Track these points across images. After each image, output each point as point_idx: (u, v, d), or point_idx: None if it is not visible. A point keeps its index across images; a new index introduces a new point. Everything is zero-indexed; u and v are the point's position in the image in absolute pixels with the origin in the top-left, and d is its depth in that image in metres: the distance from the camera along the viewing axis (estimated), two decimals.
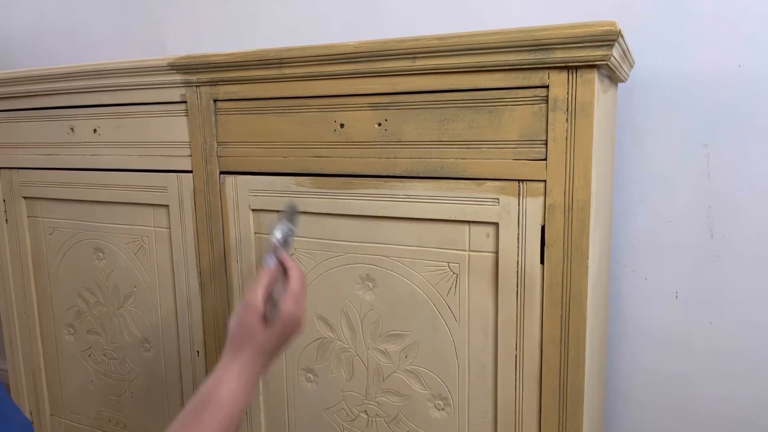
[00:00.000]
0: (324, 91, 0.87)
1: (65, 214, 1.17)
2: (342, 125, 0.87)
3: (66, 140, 1.12)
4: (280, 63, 0.87)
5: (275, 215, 0.95)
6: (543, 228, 0.77)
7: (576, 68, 0.72)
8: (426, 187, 0.83)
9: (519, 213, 0.78)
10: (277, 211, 0.95)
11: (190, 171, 1.01)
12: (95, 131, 1.09)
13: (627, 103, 1.12)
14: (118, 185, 1.08)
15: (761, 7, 1.02)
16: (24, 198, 1.21)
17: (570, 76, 0.73)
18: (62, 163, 1.14)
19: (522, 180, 0.77)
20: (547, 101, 0.74)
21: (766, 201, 1.06)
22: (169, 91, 0.99)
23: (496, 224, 0.80)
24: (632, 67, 1.00)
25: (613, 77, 0.89)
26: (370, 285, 0.90)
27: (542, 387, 0.80)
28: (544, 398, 0.80)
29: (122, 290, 1.14)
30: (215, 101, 0.96)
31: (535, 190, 0.77)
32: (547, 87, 0.74)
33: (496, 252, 0.81)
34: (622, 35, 0.72)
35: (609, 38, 0.68)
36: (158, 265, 1.08)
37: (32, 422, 1.21)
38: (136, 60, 0.99)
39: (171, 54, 1.06)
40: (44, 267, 1.23)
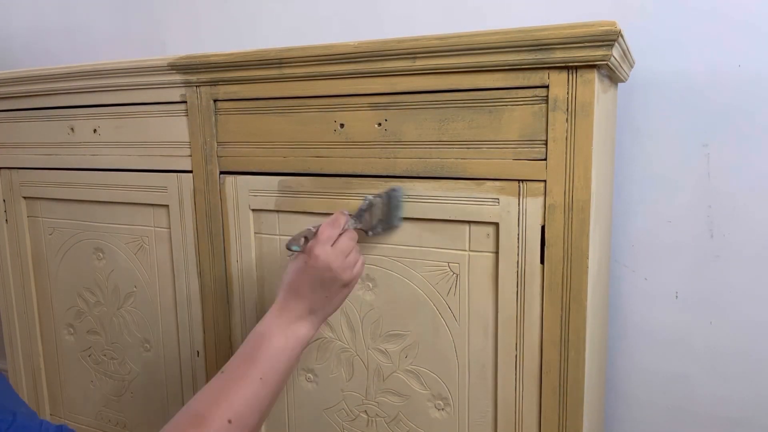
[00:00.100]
0: (324, 91, 0.87)
1: (65, 214, 1.17)
2: (342, 125, 0.87)
3: (66, 140, 1.12)
4: (280, 63, 0.87)
5: (275, 215, 0.95)
6: (543, 228, 0.77)
7: (576, 68, 0.72)
8: (426, 187, 0.83)
9: (519, 213, 0.78)
10: (277, 211, 0.95)
11: (190, 171, 1.01)
12: (95, 131, 1.09)
13: (627, 103, 1.12)
14: (118, 185, 1.08)
15: (761, 7, 1.02)
16: (24, 198, 1.21)
17: (570, 76, 0.73)
18: (62, 163, 1.14)
19: (522, 180, 0.77)
20: (547, 101, 0.74)
21: (766, 201, 1.06)
22: (169, 91, 0.99)
23: (496, 224, 0.80)
24: (632, 67, 1.00)
25: (613, 77, 0.89)
26: (370, 285, 0.90)
27: (542, 387, 0.80)
28: (544, 398, 0.80)
29: (122, 290, 1.14)
30: (215, 101, 0.96)
31: (535, 190, 0.77)
32: (547, 87, 0.74)
33: (496, 252, 0.81)
34: (622, 35, 0.72)
35: (609, 38, 0.68)
36: (158, 265, 1.08)
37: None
38: (136, 60, 0.99)
39: (171, 54, 1.06)
40: (44, 267, 1.23)
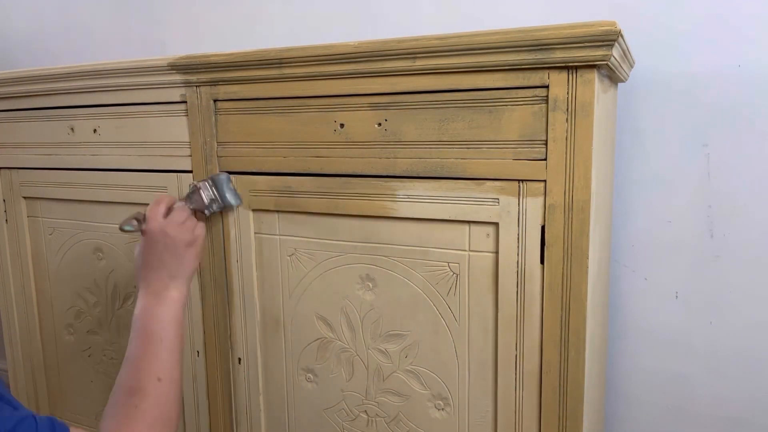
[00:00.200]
0: (324, 91, 0.87)
1: (65, 214, 1.17)
2: (342, 125, 0.87)
3: (66, 140, 1.12)
4: (280, 63, 0.87)
5: (275, 215, 0.95)
6: (543, 228, 0.77)
7: (576, 68, 0.72)
8: (426, 187, 0.83)
9: (519, 213, 0.78)
10: (277, 211, 0.95)
11: (190, 171, 1.01)
12: (95, 131, 1.09)
13: (627, 103, 1.12)
14: (118, 185, 1.08)
15: (761, 7, 1.02)
16: (24, 198, 1.21)
17: (570, 76, 0.73)
18: (62, 163, 1.14)
19: (522, 180, 0.77)
20: (547, 101, 0.74)
21: (766, 201, 1.06)
22: (169, 91, 0.99)
23: (496, 224, 0.80)
24: (632, 67, 1.00)
25: (613, 77, 0.89)
26: (370, 285, 0.90)
27: (542, 387, 0.80)
28: (544, 398, 0.80)
29: (122, 290, 1.14)
30: (215, 101, 0.96)
31: (535, 190, 0.77)
32: (547, 87, 0.74)
33: (496, 252, 0.81)
34: (622, 35, 0.72)
35: (609, 38, 0.68)
36: None
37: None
38: (136, 60, 0.99)
39: (171, 54, 1.06)
40: (44, 267, 1.23)
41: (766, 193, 1.06)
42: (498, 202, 0.79)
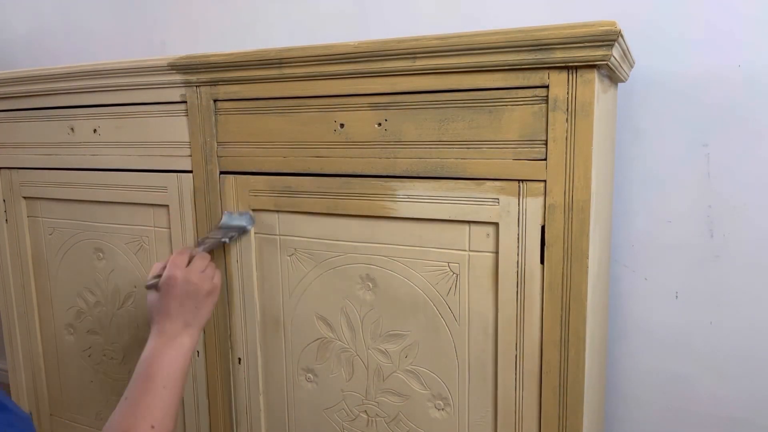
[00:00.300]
0: (324, 91, 0.87)
1: (65, 214, 1.17)
2: (342, 125, 0.87)
3: (66, 140, 1.12)
4: (280, 63, 0.87)
5: (275, 215, 0.95)
6: (543, 228, 0.77)
7: (576, 68, 0.72)
8: (426, 187, 0.83)
9: (519, 213, 0.78)
10: (277, 211, 0.95)
11: (190, 171, 1.01)
12: (95, 131, 1.09)
13: (627, 103, 1.12)
14: (118, 185, 1.08)
15: (761, 7, 1.02)
16: (24, 198, 1.21)
17: (570, 76, 0.73)
18: (62, 163, 1.14)
19: (522, 180, 0.77)
20: (547, 101, 0.74)
21: (766, 201, 1.06)
22: (169, 91, 0.99)
23: (496, 224, 0.80)
24: (632, 67, 1.00)
25: (613, 77, 0.89)
26: (370, 285, 0.90)
27: (542, 387, 0.80)
28: (544, 398, 0.80)
29: (122, 290, 1.14)
30: (215, 101, 0.96)
31: (535, 190, 0.77)
32: (547, 87, 0.74)
33: (496, 252, 0.81)
34: (622, 35, 0.72)
35: (609, 38, 0.68)
36: None
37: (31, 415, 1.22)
38: (136, 60, 0.99)
39: (171, 54, 1.06)
40: (44, 267, 1.23)
41: (766, 193, 1.06)
42: (498, 202, 0.79)
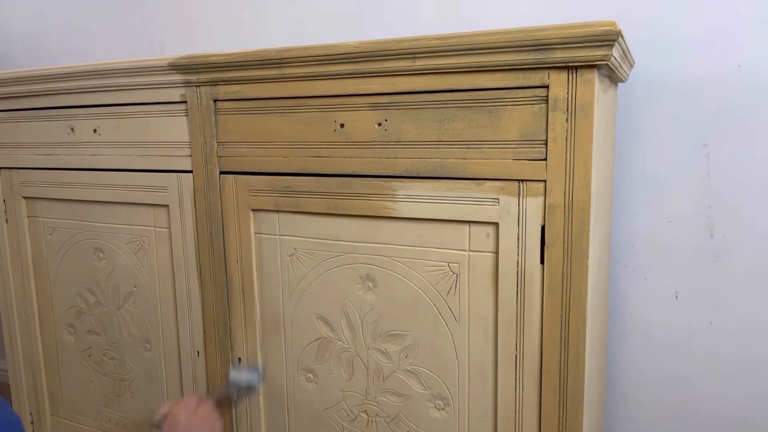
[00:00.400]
0: (324, 91, 0.87)
1: (65, 214, 1.17)
2: (342, 125, 0.87)
3: (66, 140, 1.12)
4: (280, 63, 0.87)
5: (275, 215, 0.95)
6: (543, 228, 0.77)
7: (576, 68, 0.72)
8: (426, 187, 0.83)
9: (519, 213, 0.78)
10: (277, 211, 0.95)
11: (190, 171, 1.01)
12: (95, 131, 1.09)
13: (627, 103, 1.12)
14: (118, 185, 1.08)
15: (761, 7, 1.01)
16: (24, 198, 1.21)
17: (570, 76, 0.73)
18: (62, 163, 1.14)
19: (522, 180, 0.77)
20: (547, 101, 0.74)
21: (766, 201, 1.06)
22: (169, 91, 0.99)
23: (496, 224, 0.80)
24: (632, 67, 1.00)
25: (613, 77, 0.89)
26: (370, 285, 0.90)
27: (542, 387, 0.80)
28: (544, 398, 0.80)
29: (122, 290, 1.14)
30: (215, 101, 0.96)
31: (535, 190, 0.77)
32: (547, 87, 0.74)
33: (496, 252, 0.81)
34: (622, 35, 0.72)
35: (609, 38, 0.68)
36: (158, 265, 1.08)
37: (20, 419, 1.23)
38: (136, 60, 0.99)
39: (171, 54, 1.06)
40: (44, 267, 1.23)
41: (766, 193, 1.06)
42: (498, 202, 0.79)
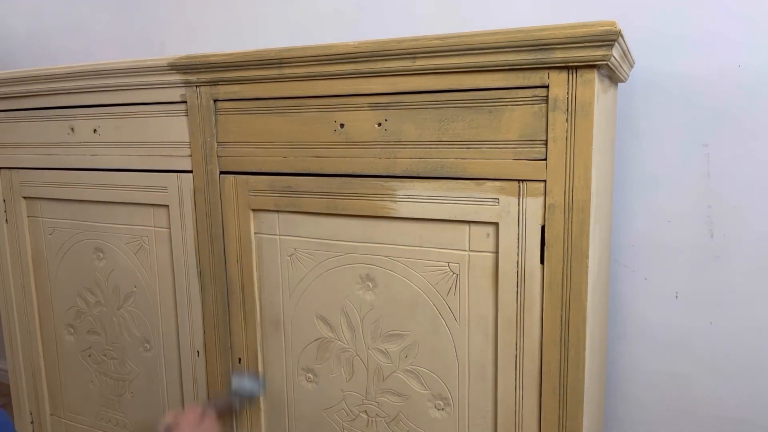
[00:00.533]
0: (324, 91, 0.87)
1: (65, 214, 1.17)
2: (342, 125, 0.87)
3: (66, 140, 1.12)
4: (280, 63, 0.87)
5: (275, 215, 0.95)
6: (543, 228, 0.77)
7: (576, 68, 0.72)
8: (426, 187, 0.83)
9: (519, 213, 0.78)
10: (277, 211, 0.95)
11: (190, 171, 1.01)
12: (95, 131, 1.09)
13: (627, 103, 1.12)
14: (118, 185, 1.08)
15: (761, 7, 1.02)
16: (24, 198, 1.21)
17: (570, 76, 0.73)
18: (62, 163, 1.14)
19: (522, 180, 0.77)
20: (547, 101, 0.74)
21: (766, 201, 1.06)
22: (169, 91, 0.99)
23: (496, 224, 0.80)
24: (632, 67, 1.00)
25: (613, 77, 0.89)
26: (370, 285, 0.90)
27: (542, 387, 0.80)
28: (544, 398, 0.80)
29: (122, 290, 1.14)
30: (215, 101, 0.96)
31: (535, 190, 0.77)
32: (547, 87, 0.74)
33: (496, 252, 0.81)
34: (622, 35, 0.72)
35: (609, 38, 0.68)
36: (158, 265, 1.08)
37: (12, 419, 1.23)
38: (136, 60, 0.99)
39: (171, 54, 1.06)
40: (44, 267, 1.23)
41: (766, 193, 1.05)
42: (498, 202, 0.79)
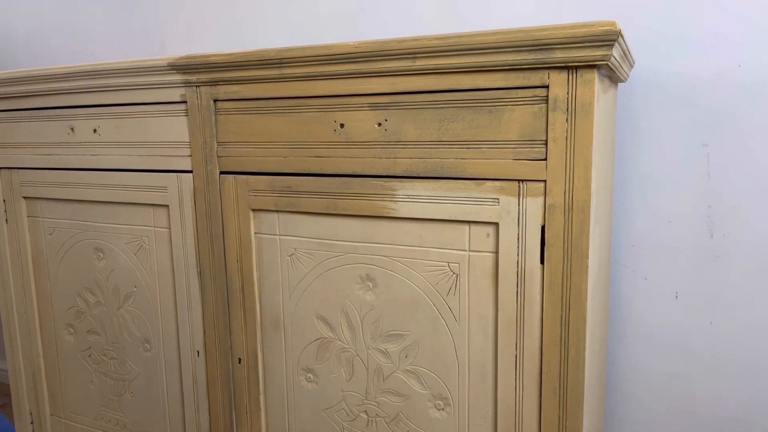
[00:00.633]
0: (324, 91, 0.87)
1: (65, 214, 1.17)
2: (342, 125, 0.87)
3: (66, 140, 1.12)
4: (280, 63, 0.87)
5: (275, 215, 0.95)
6: (543, 228, 0.77)
7: (576, 68, 0.72)
8: (426, 187, 0.83)
9: (519, 213, 0.78)
10: (277, 211, 0.95)
11: (190, 171, 1.01)
12: (95, 131, 1.09)
13: (627, 103, 1.12)
14: (118, 185, 1.08)
15: (761, 7, 1.02)
16: (24, 198, 1.21)
17: (570, 76, 0.73)
18: (62, 163, 1.14)
19: (522, 180, 0.77)
20: (547, 101, 0.74)
21: (766, 201, 1.06)
22: (169, 91, 0.99)
23: (496, 224, 0.80)
24: (632, 67, 1.00)
25: (613, 77, 0.89)
26: (370, 285, 0.90)
27: (542, 387, 0.80)
28: (544, 398, 0.80)
29: (122, 290, 1.14)
30: (215, 101, 0.96)
31: (535, 190, 0.77)
32: (547, 87, 0.74)
33: (496, 252, 0.81)
34: (622, 35, 0.72)
35: (609, 38, 0.68)
36: (158, 265, 1.08)
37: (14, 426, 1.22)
38: (136, 60, 0.99)
39: (171, 54, 1.06)
40: (44, 267, 1.23)
41: (766, 193, 1.06)
42: (498, 202, 0.79)
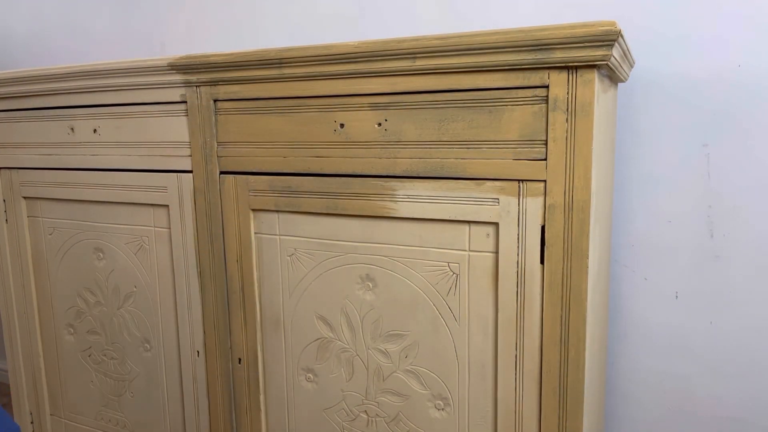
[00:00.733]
0: (324, 91, 0.87)
1: (65, 214, 1.17)
2: (342, 125, 0.87)
3: (66, 140, 1.12)
4: (280, 63, 0.87)
5: (275, 215, 0.95)
6: (543, 228, 0.77)
7: (576, 68, 0.72)
8: (426, 187, 0.83)
9: (519, 213, 0.78)
10: (277, 211, 0.95)
11: (190, 171, 1.01)
12: (95, 131, 1.09)
13: (627, 103, 1.12)
14: (118, 185, 1.08)
15: (761, 7, 1.02)
16: (24, 198, 1.21)
17: (570, 76, 0.73)
18: (62, 163, 1.14)
19: (522, 180, 0.77)
20: (547, 101, 0.74)
21: (766, 201, 1.06)
22: (169, 91, 0.99)
23: (496, 224, 0.80)
24: (632, 67, 1.00)
25: (613, 77, 0.89)
26: (370, 285, 0.90)
27: (542, 387, 0.80)
28: (544, 398, 0.80)
29: (122, 290, 1.14)
30: (215, 101, 0.96)
31: (535, 190, 0.77)
32: (547, 87, 0.74)
33: (496, 252, 0.81)
34: (622, 35, 0.72)
35: (609, 38, 0.68)
36: (158, 265, 1.08)
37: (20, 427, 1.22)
38: (136, 60, 0.99)
39: (171, 54, 1.06)
40: (44, 267, 1.23)
41: (766, 193, 1.06)
42: (498, 202, 0.79)
